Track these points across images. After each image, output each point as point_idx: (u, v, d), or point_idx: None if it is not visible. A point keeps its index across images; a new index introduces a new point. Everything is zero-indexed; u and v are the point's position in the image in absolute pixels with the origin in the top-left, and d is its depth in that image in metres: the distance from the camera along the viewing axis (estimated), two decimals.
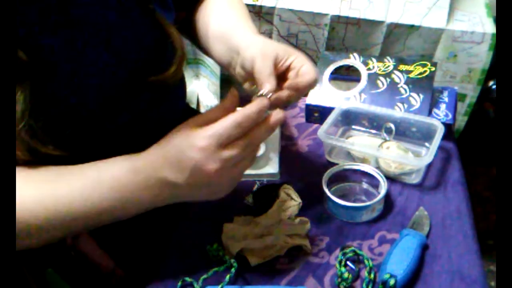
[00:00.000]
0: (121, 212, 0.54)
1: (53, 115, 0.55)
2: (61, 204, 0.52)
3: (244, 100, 0.69)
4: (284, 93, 0.58)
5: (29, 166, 0.53)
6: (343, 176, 0.70)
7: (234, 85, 0.65)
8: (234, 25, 0.69)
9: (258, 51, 0.59)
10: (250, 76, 0.61)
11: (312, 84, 0.59)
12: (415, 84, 0.82)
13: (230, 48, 0.67)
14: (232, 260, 0.57)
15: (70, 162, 0.55)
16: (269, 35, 1.11)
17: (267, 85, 0.56)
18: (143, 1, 0.60)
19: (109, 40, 0.56)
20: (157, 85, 0.61)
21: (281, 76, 0.60)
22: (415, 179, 0.71)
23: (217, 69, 1.24)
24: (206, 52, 0.77)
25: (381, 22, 1.03)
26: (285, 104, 0.59)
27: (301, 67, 0.60)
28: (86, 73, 0.55)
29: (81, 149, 0.61)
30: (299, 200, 0.61)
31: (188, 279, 0.57)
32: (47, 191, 0.52)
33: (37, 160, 0.53)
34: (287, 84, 0.59)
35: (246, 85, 0.64)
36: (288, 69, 0.61)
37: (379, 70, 0.85)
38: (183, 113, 0.81)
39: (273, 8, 1.05)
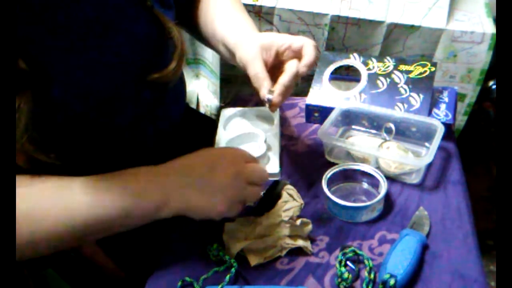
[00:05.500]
0: (128, 220, 0.54)
1: (55, 121, 0.55)
2: (68, 213, 0.52)
3: (243, 100, 0.69)
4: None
5: (32, 176, 0.53)
6: (343, 176, 0.70)
7: (234, 85, 0.67)
8: (228, 25, 0.72)
9: (248, 57, 0.63)
10: None
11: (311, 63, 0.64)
12: (415, 84, 0.82)
13: (227, 49, 0.70)
14: (232, 260, 0.57)
15: (71, 171, 0.55)
16: None
17: (263, 89, 0.62)
18: None
19: (107, 38, 0.56)
20: (158, 83, 0.61)
21: (280, 58, 0.65)
22: (415, 179, 0.71)
23: (217, 69, 1.24)
24: (211, 47, 0.79)
25: (381, 22, 1.03)
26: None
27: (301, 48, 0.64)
28: (85, 73, 0.55)
29: (82, 156, 0.61)
30: (300, 201, 0.61)
31: (188, 279, 0.57)
32: (54, 200, 0.52)
33: (38, 170, 0.52)
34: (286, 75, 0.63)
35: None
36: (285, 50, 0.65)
37: (379, 70, 0.85)
38: (184, 113, 0.81)
39: (273, 8, 1.05)
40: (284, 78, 0.62)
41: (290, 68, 0.63)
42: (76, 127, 0.58)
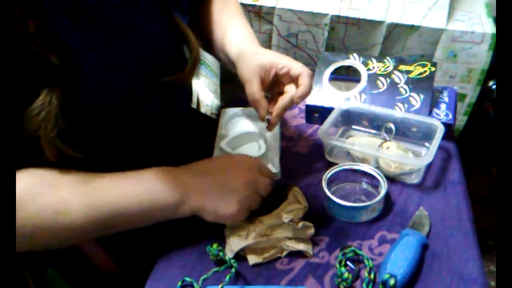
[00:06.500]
0: (147, 217, 0.57)
1: (80, 115, 0.56)
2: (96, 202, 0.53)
3: (243, 100, 0.70)
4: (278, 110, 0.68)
5: (54, 169, 0.54)
6: (343, 176, 0.70)
7: (234, 85, 0.68)
8: (231, 35, 0.74)
9: (247, 76, 0.66)
10: None
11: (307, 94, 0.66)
12: (415, 84, 0.82)
13: (228, 59, 0.73)
14: (232, 260, 0.57)
15: (94, 165, 0.55)
16: (269, 35, 1.11)
17: (262, 110, 0.66)
18: (161, 1, 0.60)
19: (128, 39, 0.58)
20: (171, 84, 0.63)
21: (279, 78, 0.68)
22: (415, 179, 0.71)
23: (217, 69, 1.24)
24: (209, 51, 0.81)
25: (381, 22, 1.03)
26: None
27: (299, 77, 0.66)
28: (108, 72, 0.56)
29: (101, 150, 0.62)
30: (304, 204, 0.61)
31: (188, 279, 0.57)
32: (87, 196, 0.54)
33: (65, 163, 0.53)
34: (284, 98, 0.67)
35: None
36: (283, 73, 0.67)
37: (379, 70, 0.85)
38: (186, 113, 0.81)
39: (273, 8, 1.05)
40: (283, 102, 0.67)
41: (289, 92, 0.67)
42: (97, 121, 0.59)
